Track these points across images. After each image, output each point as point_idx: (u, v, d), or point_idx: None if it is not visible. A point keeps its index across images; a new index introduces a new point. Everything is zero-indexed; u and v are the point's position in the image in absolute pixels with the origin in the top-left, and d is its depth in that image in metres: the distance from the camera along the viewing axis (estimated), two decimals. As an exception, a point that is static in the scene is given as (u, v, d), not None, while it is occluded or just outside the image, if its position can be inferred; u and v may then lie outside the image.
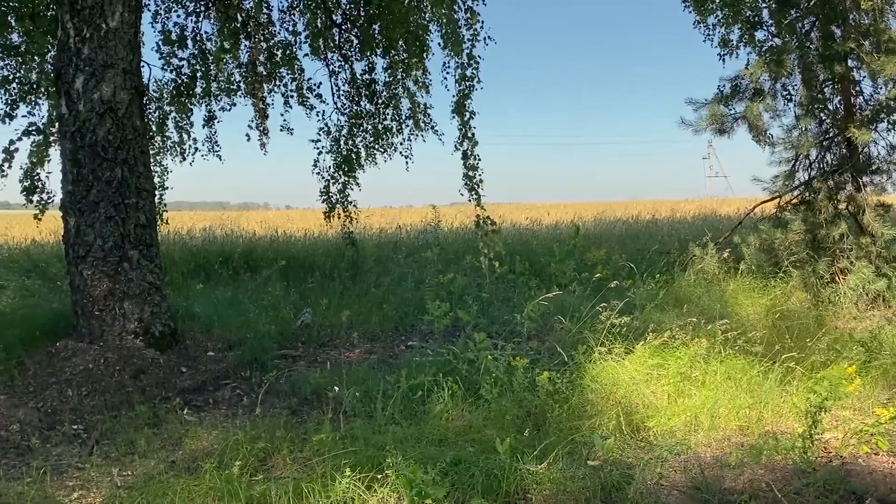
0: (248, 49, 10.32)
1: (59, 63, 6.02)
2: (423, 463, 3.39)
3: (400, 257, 10.68)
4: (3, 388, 5.28)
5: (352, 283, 9.26)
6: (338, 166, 11.27)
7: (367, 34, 10.30)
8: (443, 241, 12.57)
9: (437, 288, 8.12)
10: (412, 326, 7.62)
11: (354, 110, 11.08)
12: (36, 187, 9.63)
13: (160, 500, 3.38)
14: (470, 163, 9.77)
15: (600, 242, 11.39)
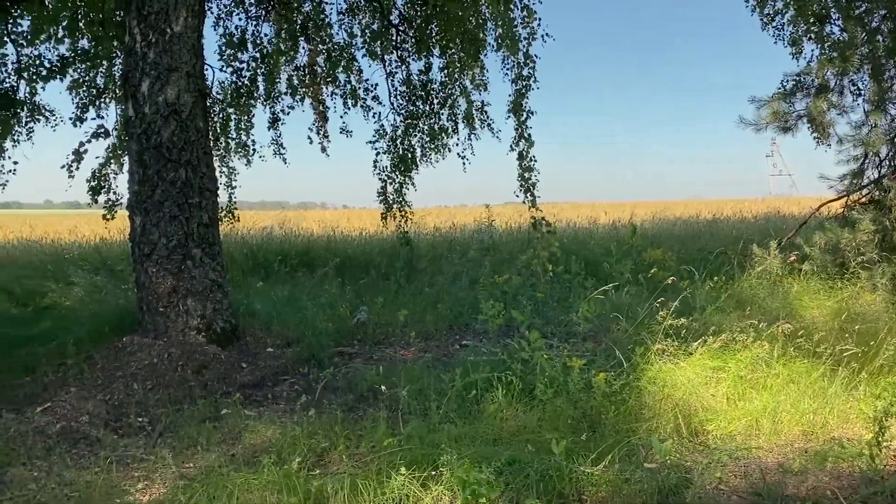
0: (306, 51, 10.49)
1: (127, 67, 6.23)
2: (477, 462, 3.39)
3: (454, 257, 10.70)
4: (73, 381, 5.50)
5: (407, 282, 9.32)
6: (394, 166, 11.37)
7: (424, 34, 10.35)
8: (497, 241, 12.53)
9: (491, 287, 8.10)
10: (466, 326, 7.62)
11: (410, 110, 11.15)
12: (102, 187, 10.01)
13: (220, 493, 3.45)
14: (525, 164, 9.73)
15: (658, 242, 11.19)
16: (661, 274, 7.20)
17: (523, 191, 10.07)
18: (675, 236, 13.22)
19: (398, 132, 11.23)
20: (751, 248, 8.71)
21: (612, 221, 16.21)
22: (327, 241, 13.00)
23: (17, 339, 6.22)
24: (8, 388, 5.41)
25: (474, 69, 10.51)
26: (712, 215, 17.71)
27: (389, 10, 10.45)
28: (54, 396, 5.23)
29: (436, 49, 10.58)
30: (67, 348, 5.84)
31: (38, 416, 4.91)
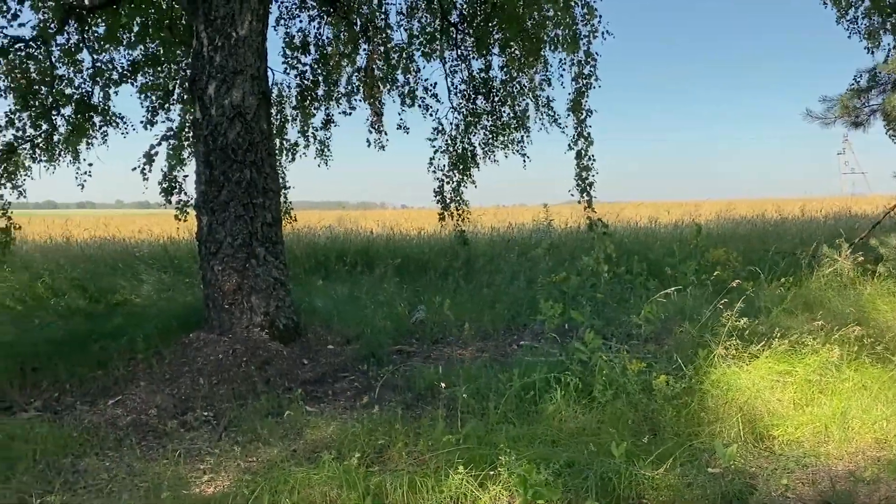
0: (366, 53, 10.60)
1: (194, 71, 6.42)
2: (536, 463, 3.38)
3: (512, 256, 10.66)
4: (143, 376, 5.69)
5: (464, 281, 9.33)
6: (452, 165, 11.39)
7: (484, 33, 10.34)
8: (556, 241, 12.44)
9: (549, 287, 8.05)
10: (524, 326, 7.59)
11: (470, 109, 11.16)
12: (173, 188, 10.31)
13: (282, 488, 3.53)
14: (583, 163, 9.62)
15: (723, 242, 10.91)
16: (726, 275, 7.04)
17: (580, 190, 9.95)
18: (741, 236, 12.87)
19: (457, 130, 11.25)
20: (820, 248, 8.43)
21: (674, 221, 15.88)
22: (386, 240, 13.13)
23: (90, 334, 6.47)
24: (82, 382, 5.65)
25: (535, 66, 10.44)
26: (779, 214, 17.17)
27: (449, 9, 10.48)
28: (125, 390, 5.44)
29: (495, 48, 10.56)
30: (137, 344, 6.06)
31: (109, 408, 5.12)
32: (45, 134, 9.32)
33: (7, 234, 9.56)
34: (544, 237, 12.69)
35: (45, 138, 9.36)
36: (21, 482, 3.91)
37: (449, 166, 11.43)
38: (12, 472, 4.00)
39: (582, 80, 9.21)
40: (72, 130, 9.42)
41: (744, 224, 15.67)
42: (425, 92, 11.06)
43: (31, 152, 9.45)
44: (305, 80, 10.57)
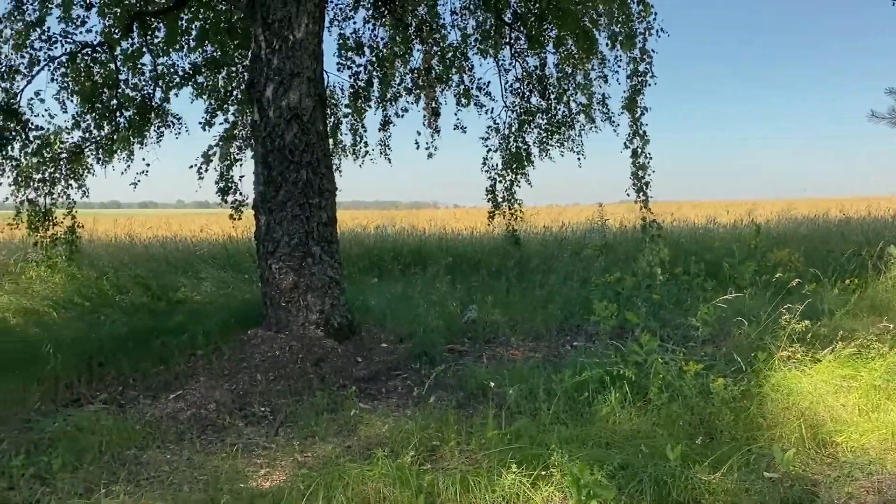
0: (420, 53, 10.67)
1: (252, 73, 6.56)
2: (589, 464, 3.36)
3: (565, 256, 10.58)
4: (202, 371, 5.85)
5: (517, 281, 9.30)
6: (506, 164, 11.37)
7: (538, 31, 10.30)
8: (610, 241, 12.29)
9: (603, 288, 7.95)
10: (577, 327, 7.52)
11: (524, 107, 11.12)
12: (230, 188, 10.56)
13: (337, 483, 3.57)
14: (639, 162, 9.48)
15: (784, 243, 10.63)
16: (788, 276, 6.85)
17: (636, 190, 9.80)
18: (802, 236, 12.51)
19: (511, 129, 11.22)
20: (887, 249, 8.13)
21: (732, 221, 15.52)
22: (438, 239, 13.18)
23: (153, 330, 6.68)
24: (145, 376, 5.83)
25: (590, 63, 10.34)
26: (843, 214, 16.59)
27: (503, 8, 10.47)
28: (185, 385, 5.59)
29: (549, 45, 10.50)
30: (198, 340, 6.22)
31: (171, 402, 5.27)
32: (108, 135, 9.67)
33: (73, 233, 9.96)
34: (598, 237, 12.56)
35: (108, 139, 9.70)
36: (88, 472, 4.06)
37: (502, 165, 11.41)
38: (80, 463, 4.17)
39: (637, 77, 9.08)
40: (131, 131, 9.73)
41: (805, 224, 15.22)
42: (479, 91, 11.08)
43: (96, 153, 9.80)
44: (359, 81, 10.69)
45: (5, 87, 8.88)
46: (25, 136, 9.13)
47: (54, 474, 3.96)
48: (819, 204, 22.57)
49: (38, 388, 5.44)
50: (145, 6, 9.34)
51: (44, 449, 4.33)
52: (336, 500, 3.44)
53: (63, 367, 5.68)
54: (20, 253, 10.64)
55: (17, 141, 9.13)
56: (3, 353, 5.88)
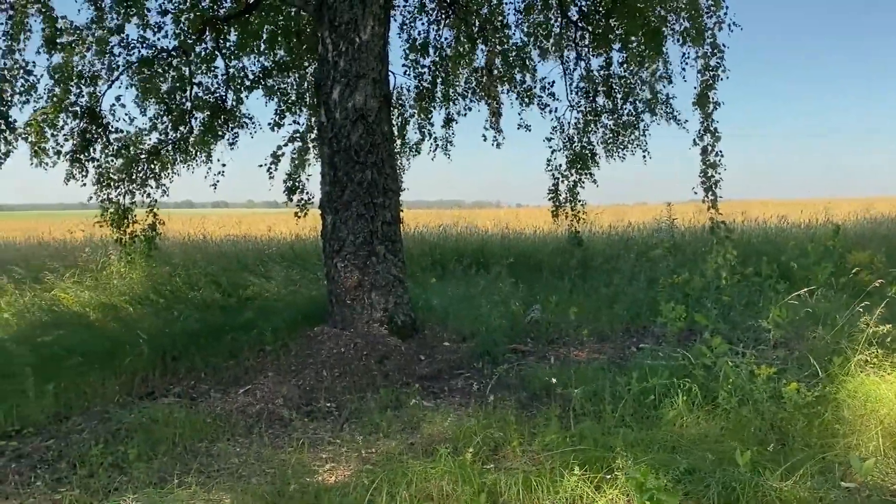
0: (484, 53, 10.66)
1: (320, 75, 6.68)
2: (654, 468, 3.29)
3: (631, 256, 10.40)
4: (270, 366, 6.00)
5: (581, 281, 9.20)
6: (570, 164, 11.26)
7: (604, 29, 10.16)
8: (679, 241, 12.03)
9: (671, 289, 7.79)
10: (644, 328, 7.40)
11: (589, 107, 10.99)
12: (297, 188, 10.78)
13: (400, 479, 3.61)
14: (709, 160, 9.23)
15: (862, 243, 10.20)
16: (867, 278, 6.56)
17: (704, 189, 9.53)
18: (881, 237, 11.97)
19: (575, 129, 11.11)
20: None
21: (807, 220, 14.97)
22: (501, 239, 13.14)
23: (224, 326, 6.87)
24: (216, 371, 6.02)
25: (657, 62, 10.15)
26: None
27: (568, 6, 10.37)
28: (254, 380, 5.75)
29: (616, 43, 10.34)
30: (266, 336, 6.38)
31: (240, 396, 5.42)
32: (183, 137, 10.01)
33: (153, 230, 10.34)
34: (666, 237, 12.30)
35: (183, 141, 10.04)
36: (162, 462, 4.22)
37: (566, 165, 11.31)
38: (154, 453, 4.33)
39: (708, 72, 8.84)
40: (205, 133, 10.05)
41: (886, 224, 14.56)
42: (542, 91, 11.00)
43: (172, 154, 10.15)
44: (424, 81, 10.75)
45: (88, 92, 9.31)
46: (106, 138, 9.55)
47: (130, 464, 4.14)
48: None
49: (117, 381, 5.68)
50: (217, 11, 9.62)
51: (121, 439, 4.53)
52: (399, 495, 3.47)
53: (139, 361, 5.91)
54: (101, 250, 11.10)
55: (98, 143, 9.55)
56: (86, 346, 6.14)
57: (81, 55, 9.02)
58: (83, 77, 9.16)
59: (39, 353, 5.92)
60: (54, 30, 8.48)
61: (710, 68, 8.70)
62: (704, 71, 8.74)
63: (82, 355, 5.89)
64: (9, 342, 6.46)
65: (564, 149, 11.23)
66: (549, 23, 10.56)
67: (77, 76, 9.10)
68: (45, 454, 4.39)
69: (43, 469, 4.19)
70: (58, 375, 5.44)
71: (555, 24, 10.53)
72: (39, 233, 16.66)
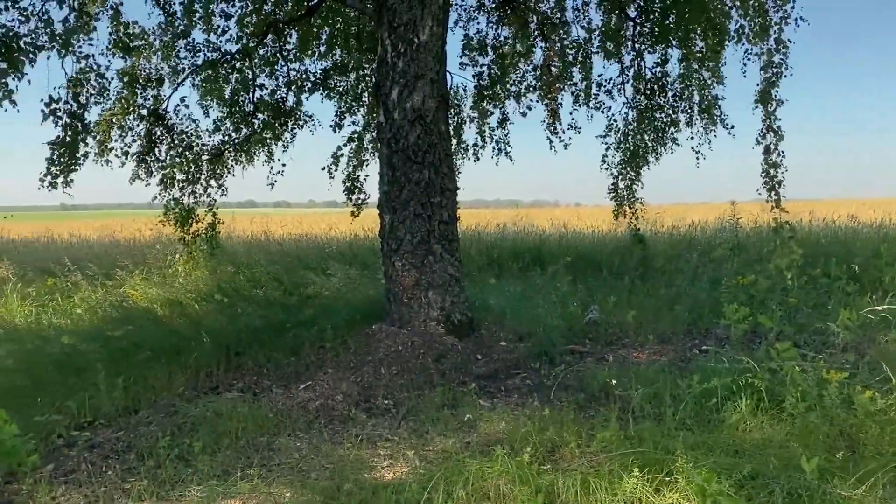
0: (543, 51, 10.59)
1: (379, 76, 6.75)
2: (716, 472, 3.22)
3: (693, 256, 10.19)
4: (330, 363, 6.09)
5: (641, 281, 9.06)
6: (626, 162, 11.10)
7: (663, 26, 9.97)
8: (743, 240, 11.72)
9: (735, 290, 7.59)
10: (706, 330, 7.24)
11: (645, 104, 10.81)
12: (356, 188, 10.91)
13: (456, 478, 3.63)
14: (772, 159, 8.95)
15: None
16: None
17: (767, 189, 9.25)
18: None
19: (631, 127, 10.94)
20: None
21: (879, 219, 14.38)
22: (559, 238, 13.04)
23: (285, 323, 7.01)
24: (278, 367, 6.16)
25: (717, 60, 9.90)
26: None
27: (627, 3, 10.22)
28: (314, 376, 5.85)
29: (674, 40, 10.13)
30: (326, 333, 6.49)
31: (301, 392, 5.52)
32: (245, 138, 10.25)
33: (213, 229, 10.63)
34: (730, 236, 12.01)
35: (245, 142, 10.29)
36: (225, 455, 4.34)
37: (622, 163, 11.15)
38: (218, 446, 4.46)
39: (772, 69, 8.57)
40: (267, 134, 10.27)
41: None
42: (598, 88, 10.87)
43: (235, 155, 10.41)
44: (482, 80, 10.74)
45: (154, 95, 9.62)
46: (171, 139, 9.85)
47: (195, 456, 4.26)
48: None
49: (183, 376, 5.86)
50: (279, 15, 9.82)
51: (186, 432, 4.67)
52: (456, 494, 3.49)
53: (204, 357, 6.09)
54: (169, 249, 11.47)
55: (163, 144, 9.87)
56: (153, 341, 6.35)
57: (148, 58, 9.34)
58: (150, 80, 9.48)
59: (110, 348, 6.16)
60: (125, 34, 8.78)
61: (773, 65, 8.43)
62: (767, 68, 8.47)
63: (150, 350, 6.10)
64: (81, 337, 6.73)
65: (620, 147, 11.07)
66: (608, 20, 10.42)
67: (144, 79, 9.42)
68: (116, 445, 4.56)
69: (113, 459, 4.35)
70: (127, 369, 5.65)
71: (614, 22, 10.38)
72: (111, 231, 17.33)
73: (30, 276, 10.02)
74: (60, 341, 6.45)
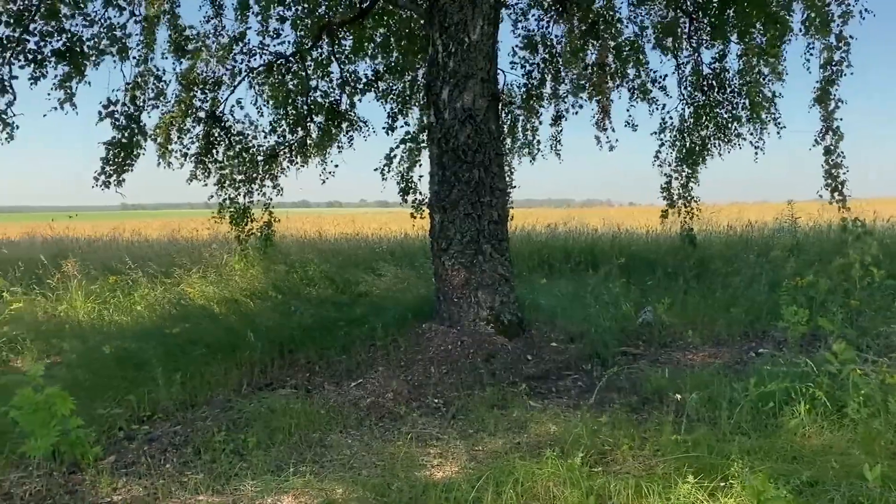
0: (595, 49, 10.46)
1: (429, 77, 6.78)
2: (773, 478, 3.14)
3: (751, 257, 9.95)
4: (381, 361, 6.14)
5: (696, 282, 8.88)
6: (681, 160, 10.89)
7: (721, 21, 9.74)
8: (802, 241, 11.39)
9: (793, 292, 7.39)
10: (763, 332, 7.06)
11: (701, 101, 10.58)
12: (410, 188, 10.97)
13: (506, 479, 3.61)
14: (833, 160, 8.67)
15: None
16: None
17: (829, 189, 8.94)
18: None
19: (687, 124, 10.72)
20: None
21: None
22: (612, 238, 12.88)
23: (337, 321, 7.11)
24: (329, 364, 6.24)
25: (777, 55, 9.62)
26: None
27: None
28: (365, 373, 5.91)
29: (733, 35, 9.89)
30: (377, 332, 6.55)
31: (352, 390, 5.59)
32: (300, 139, 10.41)
33: (268, 227, 10.83)
34: (788, 237, 11.68)
35: (300, 143, 10.45)
36: (279, 451, 4.41)
37: (677, 161, 10.94)
38: (272, 442, 4.54)
39: (831, 66, 8.28)
40: (322, 136, 10.42)
41: None
42: (653, 84, 10.69)
43: (289, 156, 10.59)
44: (533, 79, 10.68)
45: (211, 97, 9.85)
46: (228, 140, 10.07)
47: (250, 451, 4.36)
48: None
49: (238, 372, 5.98)
50: (334, 17, 9.94)
51: (241, 427, 4.77)
52: (506, 494, 3.47)
53: (259, 353, 6.21)
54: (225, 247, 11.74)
55: (220, 145, 10.10)
56: (210, 338, 6.50)
57: (206, 61, 9.57)
58: (207, 83, 9.71)
59: (168, 344, 6.33)
60: (182, 38, 9.03)
61: (833, 62, 8.14)
62: (827, 66, 8.18)
63: (207, 347, 6.26)
64: (141, 333, 6.93)
65: (675, 144, 10.86)
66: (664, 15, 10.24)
67: (202, 82, 9.66)
68: (173, 439, 4.69)
69: (171, 453, 4.47)
70: (185, 365, 5.81)
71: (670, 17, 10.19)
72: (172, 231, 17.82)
73: (93, 273, 10.36)
74: (120, 337, 6.66)
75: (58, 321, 8.47)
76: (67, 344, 7.09)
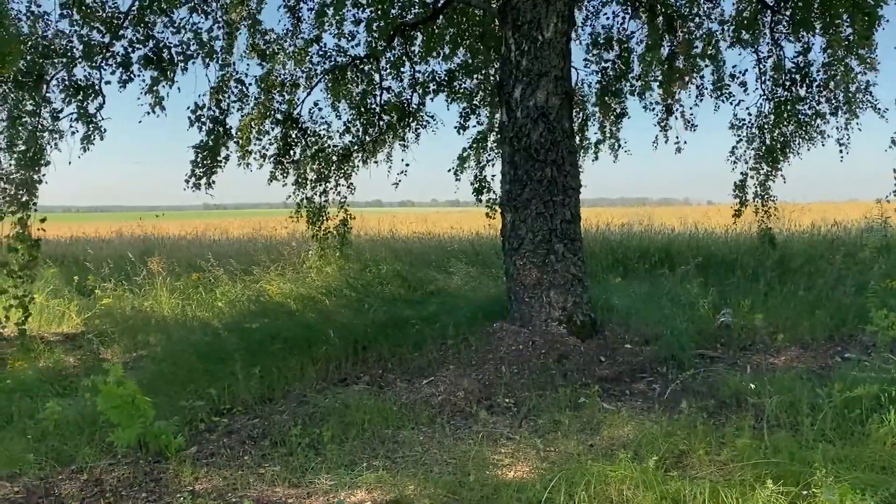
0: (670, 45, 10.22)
1: (502, 75, 6.78)
2: (859, 488, 3.01)
3: (836, 257, 9.53)
4: (452, 359, 6.18)
5: (778, 284, 8.57)
6: (760, 157, 10.53)
7: (805, 12, 9.36)
8: (892, 241, 10.85)
9: (883, 294, 7.05)
10: (850, 336, 6.77)
11: (783, 96, 10.20)
12: (483, 188, 10.98)
13: (578, 480, 3.58)
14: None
15: None
16: None
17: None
18: None
19: (767, 121, 10.35)
20: None
21: None
22: (689, 238, 12.56)
23: (409, 319, 7.18)
24: (402, 361, 6.32)
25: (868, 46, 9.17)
26: None
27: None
28: (437, 371, 5.96)
29: (818, 27, 9.49)
30: (448, 330, 6.59)
31: (424, 387, 5.64)
32: (373, 139, 10.57)
33: (345, 226, 11.04)
34: (878, 237, 11.14)
35: (372, 143, 10.61)
36: (353, 446, 4.51)
37: (756, 159, 10.58)
38: (346, 437, 4.63)
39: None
40: (390, 133, 10.55)
41: None
42: (731, 79, 10.37)
43: (363, 156, 10.76)
44: (607, 76, 10.52)
45: (289, 99, 10.11)
46: (305, 142, 10.32)
47: (325, 445, 4.46)
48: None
49: (314, 367, 6.13)
50: (406, 18, 10.04)
51: (316, 422, 4.89)
52: (578, 496, 3.45)
53: (333, 349, 6.35)
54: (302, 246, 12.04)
55: (297, 146, 10.35)
56: (287, 334, 6.68)
57: (283, 64, 9.83)
58: (284, 85, 9.97)
59: (247, 339, 6.54)
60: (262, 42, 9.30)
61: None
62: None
63: (284, 342, 6.43)
64: (222, 329, 7.19)
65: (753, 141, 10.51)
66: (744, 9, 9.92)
67: (280, 84, 9.92)
68: (252, 432, 4.84)
69: (249, 445, 4.62)
70: (263, 360, 5.98)
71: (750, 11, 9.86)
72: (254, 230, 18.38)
73: (177, 270, 10.79)
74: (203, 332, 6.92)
75: (144, 316, 8.88)
76: (153, 338, 7.42)
